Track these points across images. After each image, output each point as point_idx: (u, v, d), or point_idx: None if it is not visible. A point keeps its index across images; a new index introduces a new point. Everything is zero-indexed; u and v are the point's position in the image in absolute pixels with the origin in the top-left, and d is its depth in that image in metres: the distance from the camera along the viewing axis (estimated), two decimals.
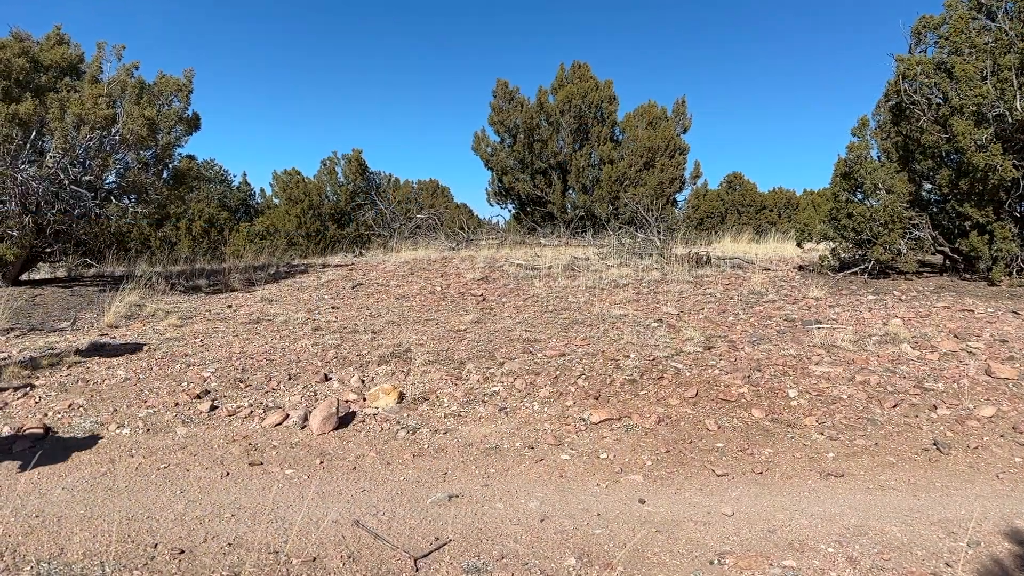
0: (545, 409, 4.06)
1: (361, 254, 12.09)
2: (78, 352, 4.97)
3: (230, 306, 6.93)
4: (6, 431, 3.62)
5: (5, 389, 4.18)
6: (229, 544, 2.51)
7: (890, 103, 7.98)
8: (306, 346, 5.29)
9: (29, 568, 2.30)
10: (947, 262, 7.95)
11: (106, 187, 8.17)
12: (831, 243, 8.28)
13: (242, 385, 4.42)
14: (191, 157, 9.26)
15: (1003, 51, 6.79)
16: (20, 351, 5.00)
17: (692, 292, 7.02)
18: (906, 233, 7.50)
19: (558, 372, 4.53)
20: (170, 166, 8.87)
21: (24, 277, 8.42)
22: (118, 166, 8.23)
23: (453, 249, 11.20)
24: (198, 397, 4.18)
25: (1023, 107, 6.47)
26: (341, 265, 9.88)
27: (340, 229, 15.69)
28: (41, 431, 3.65)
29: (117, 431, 3.71)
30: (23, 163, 7.14)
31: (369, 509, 2.85)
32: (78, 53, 8.32)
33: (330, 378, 4.57)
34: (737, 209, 23.10)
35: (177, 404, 4.06)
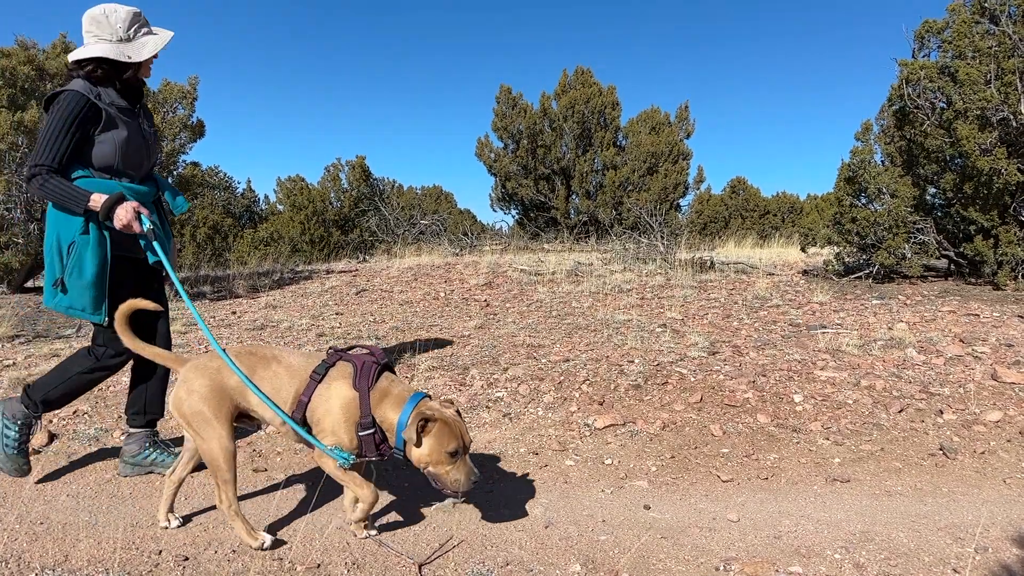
0: (549, 415, 4.05)
1: (365, 260, 12.11)
2: None
3: (234, 312, 6.94)
4: None
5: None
6: (233, 551, 2.51)
7: (894, 107, 7.98)
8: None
9: (34, 575, 2.31)
10: (952, 266, 7.92)
11: None
12: (835, 247, 8.27)
13: None
14: (196, 164, 9.32)
15: (1007, 55, 6.79)
16: (25, 357, 5.02)
17: (696, 297, 7.01)
18: (910, 237, 7.48)
19: (562, 377, 4.53)
20: (175, 173, 8.92)
21: (29, 284, 8.45)
22: None
23: (457, 255, 11.21)
24: None
25: None
26: (345, 271, 9.89)
27: (344, 235, 15.74)
28: (46, 438, 3.66)
29: (122, 438, 3.71)
30: None
31: (373, 515, 2.84)
32: None
33: None
34: (741, 214, 23.11)
35: None
